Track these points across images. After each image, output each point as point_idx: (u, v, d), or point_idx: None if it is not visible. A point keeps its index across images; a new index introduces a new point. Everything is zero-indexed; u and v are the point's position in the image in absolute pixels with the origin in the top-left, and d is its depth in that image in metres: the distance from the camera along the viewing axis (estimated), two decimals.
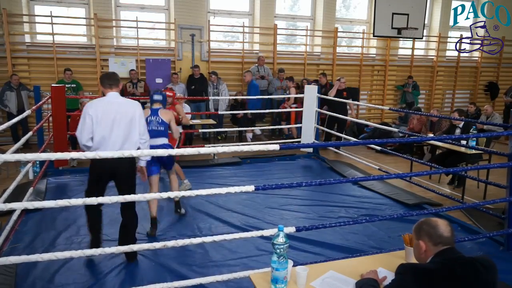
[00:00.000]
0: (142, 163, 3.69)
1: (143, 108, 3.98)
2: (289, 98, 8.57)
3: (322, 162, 7.17)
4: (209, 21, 9.16)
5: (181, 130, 5.51)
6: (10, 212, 4.17)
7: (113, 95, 3.41)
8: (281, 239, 1.92)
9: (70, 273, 3.32)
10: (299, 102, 8.37)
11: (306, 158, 7.51)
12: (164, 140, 4.34)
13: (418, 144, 7.43)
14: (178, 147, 5.26)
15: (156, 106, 4.36)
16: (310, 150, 7.54)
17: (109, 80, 3.41)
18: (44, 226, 4.26)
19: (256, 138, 8.68)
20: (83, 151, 3.25)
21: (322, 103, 7.72)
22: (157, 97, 4.39)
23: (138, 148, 3.44)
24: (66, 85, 7.86)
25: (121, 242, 3.44)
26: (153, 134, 4.12)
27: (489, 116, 8.39)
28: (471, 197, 5.49)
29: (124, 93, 8.21)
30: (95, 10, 8.46)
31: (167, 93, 5.02)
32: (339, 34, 10.33)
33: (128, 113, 3.37)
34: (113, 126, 3.30)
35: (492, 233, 3.94)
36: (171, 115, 4.43)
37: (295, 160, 7.39)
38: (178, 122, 5.17)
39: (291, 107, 8.51)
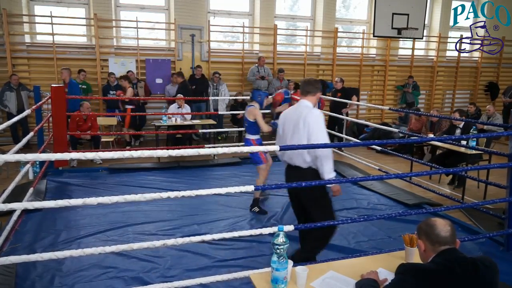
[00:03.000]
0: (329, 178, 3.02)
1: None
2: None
3: None
4: (209, 21, 9.16)
5: None
6: (10, 212, 4.17)
7: (301, 103, 3.14)
8: (281, 239, 1.92)
9: (70, 273, 3.32)
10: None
11: None
12: (247, 135, 4.79)
13: (418, 144, 7.43)
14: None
15: (249, 103, 4.85)
16: None
17: (306, 86, 3.17)
18: (44, 226, 4.26)
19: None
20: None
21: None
22: (251, 95, 4.93)
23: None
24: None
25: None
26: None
27: (491, 116, 8.38)
28: (471, 197, 5.49)
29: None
30: (95, 10, 8.46)
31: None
32: (339, 34, 10.33)
33: (299, 122, 3.06)
34: (292, 137, 3.10)
35: (492, 233, 3.94)
36: (255, 113, 4.66)
37: None
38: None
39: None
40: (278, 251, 1.91)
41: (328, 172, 3.00)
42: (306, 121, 3.02)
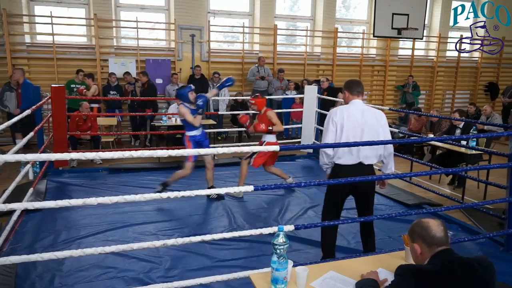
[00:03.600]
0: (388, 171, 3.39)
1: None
2: None
3: None
4: (209, 21, 9.16)
5: (273, 139, 5.28)
6: (10, 212, 4.17)
7: (359, 103, 3.21)
8: (281, 239, 1.92)
9: (70, 273, 3.32)
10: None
11: (306, 158, 7.51)
12: (185, 133, 4.98)
13: (418, 144, 7.43)
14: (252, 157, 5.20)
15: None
16: (310, 150, 7.55)
17: (358, 87, 3.23)
18: (44, 226, 4.26)
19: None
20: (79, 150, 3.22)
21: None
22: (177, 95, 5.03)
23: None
24: (77, 86, 7.91)
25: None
26: None
27: (489, 116, 8.39)
28: (471, 197, 5.49)
29: (124, 93, 8.22)
30: (95, 11, 8.46)
31: (250, 101, 5.27)
32: (339, 35, 10.33)
33: (373, 122, 3.16)
34: (362, 135, 3.12)
35: (492, 234, 3.94)
36: (181, 112, 4.85)
37: (295, 160, 7.39)
38: (270, 131, 5.16)
39: None
40: (278, 251, 1.91)
41: (393, 166, 3.36)
42: (381, 121, 3.20)
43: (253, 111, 5.89)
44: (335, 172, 3.22)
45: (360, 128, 3.12)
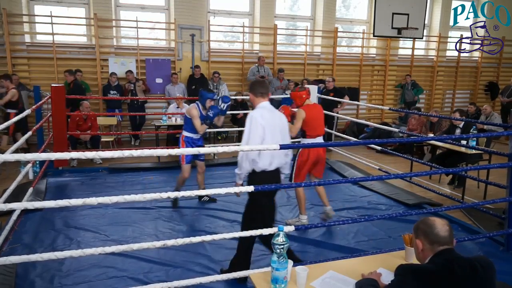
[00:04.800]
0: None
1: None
2: None
3: None
4: (209, 21, 9.16)
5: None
6: (10, 212, 4.16)
7: (267, 105, 3.16)
8: (281, 239, 1.92)
9: (70, 273, 3.32)
10: None
11: None
12: (182, 131, 4.91)
13: (418, 144, 7.43)
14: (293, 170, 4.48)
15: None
16: None
17: (261, 88, 3.15)
18: (43, 226, 4.26)
19: None
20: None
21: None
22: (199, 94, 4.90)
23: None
24: None
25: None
26: None
27: (488, 115, 8.39)
28: (471, 197, 5.49)
29: (124, 92, 8.22)
30: (95, 10, 8.45)
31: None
32: (339, 34, 10.33)
33: (282, 122, 3.20)
34: (278, 137, 3.09)
35: (492, 233, 3.94)
36: (189, 111, 4.74)
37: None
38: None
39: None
40: (278, 251, 1.91)
41: None
42: (284, 119, 3.25)
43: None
44: (261, 180, 3.00)
45: (275, 130, 3.10)
